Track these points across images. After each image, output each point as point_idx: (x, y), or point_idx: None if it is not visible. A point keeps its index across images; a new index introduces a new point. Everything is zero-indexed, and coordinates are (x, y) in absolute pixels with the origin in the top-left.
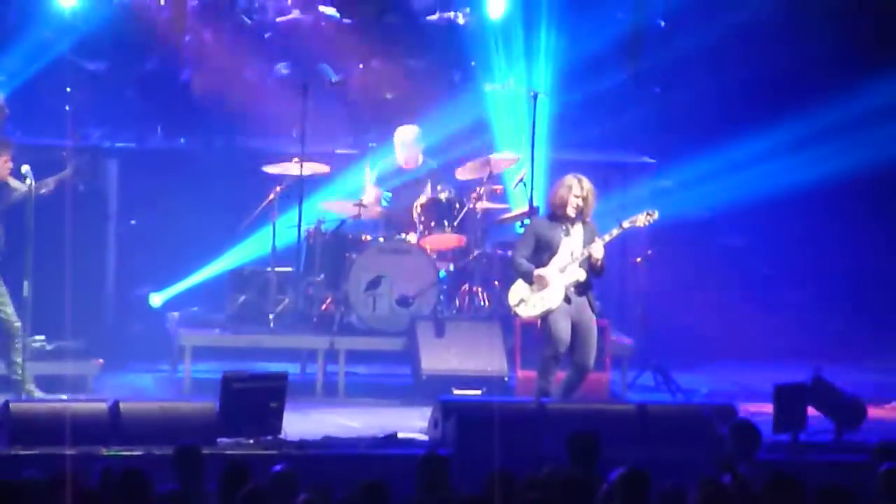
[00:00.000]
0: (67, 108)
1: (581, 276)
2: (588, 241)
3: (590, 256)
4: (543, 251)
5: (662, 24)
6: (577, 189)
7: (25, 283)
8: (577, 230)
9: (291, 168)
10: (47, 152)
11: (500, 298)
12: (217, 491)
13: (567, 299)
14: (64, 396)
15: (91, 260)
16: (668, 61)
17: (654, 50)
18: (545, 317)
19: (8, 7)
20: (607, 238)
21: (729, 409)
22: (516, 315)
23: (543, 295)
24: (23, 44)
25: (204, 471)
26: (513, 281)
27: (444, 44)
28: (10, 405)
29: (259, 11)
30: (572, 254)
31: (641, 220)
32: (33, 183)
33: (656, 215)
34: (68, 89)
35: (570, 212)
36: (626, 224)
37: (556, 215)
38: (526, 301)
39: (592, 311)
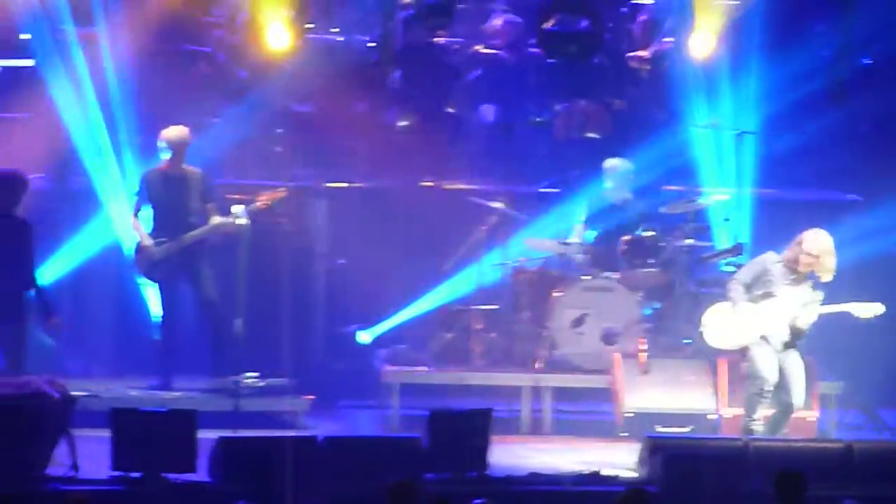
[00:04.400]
0: (278, 149)
1: (783, 332)
2: (807, 303)
3: (798, 320)
4: (761, 288)
5: (870, 61)
6: (809, 246)
7: (238, 321)
8: (804, 288)
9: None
10: (259, 193)
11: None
12: None
13: (765, 340)
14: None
15: (301, 298)
16: (875, 99)
17: (862, 88)
18: (749, 353)
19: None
20: (825, 311)
21: None
22: (702, 335)
23: (740, 329)
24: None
25: None
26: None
27: (649, 83)
28: (224, 440)
29: (459, 53)
30: (785, 308)
31: (867, 310)
32: (247, 223)
33: (882, 310)
34: (279, 131)
35: (801, 268)
36: (853, 309)
37: (791, 266)
38: (719, 327)
39: (797, 349)
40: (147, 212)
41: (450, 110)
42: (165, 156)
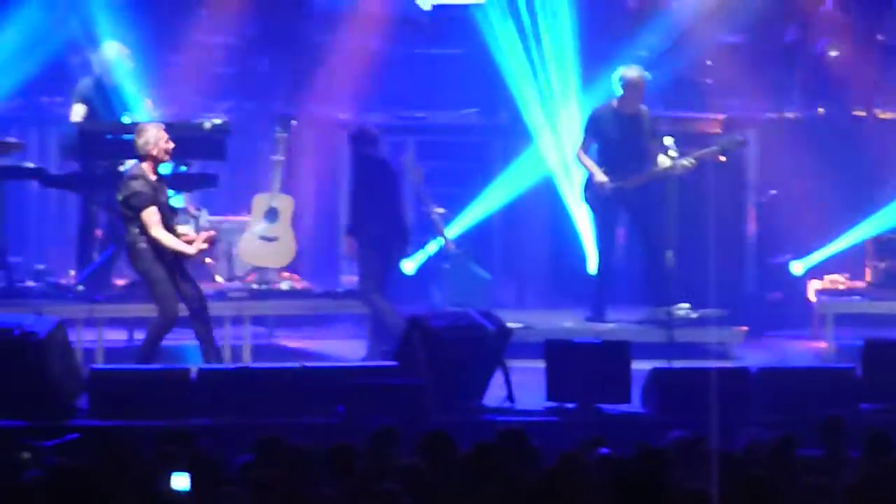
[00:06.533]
0: (708, 81)
1: None
2: None
3: None
4: None
5: None
6: None
7: (668, 253)
8: None
9: None
10: (688, 125)
11: None
12: (861, 458)
13: None
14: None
15: (732, 229)
16: None
17: None
18: None
19: None
20: None
21: None
22: None
23: None
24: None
25: (847, 439)
26: None
27: None
28: (657, 371)
29: None
30: None
31: None
32: (677, 156)
33: None
34: (708, 63)
35: None
36: None
37: None
38: None
39: None
40: (594, 148)
41: (881, 38)
42: (619, 93)
